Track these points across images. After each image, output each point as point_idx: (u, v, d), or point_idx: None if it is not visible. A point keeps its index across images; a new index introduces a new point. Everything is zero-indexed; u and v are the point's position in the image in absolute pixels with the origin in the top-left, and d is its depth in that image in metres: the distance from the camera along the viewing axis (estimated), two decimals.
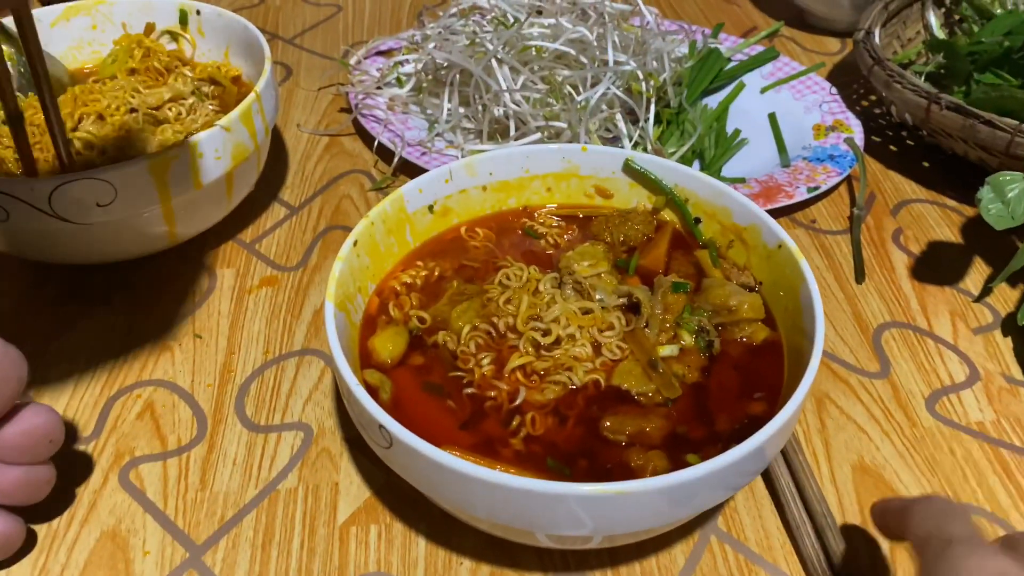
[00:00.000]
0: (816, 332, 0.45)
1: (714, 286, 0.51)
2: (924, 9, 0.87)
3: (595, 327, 0.50)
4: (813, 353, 0.44)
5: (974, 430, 0.55)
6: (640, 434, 0.45)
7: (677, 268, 0.55)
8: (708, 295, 0.51)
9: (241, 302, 0.64)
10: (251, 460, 0.53)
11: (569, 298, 0.51)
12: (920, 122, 0.73)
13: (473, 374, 0.48)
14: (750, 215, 0.53)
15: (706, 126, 0.79)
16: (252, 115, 0.63)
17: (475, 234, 0.58)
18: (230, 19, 0.74)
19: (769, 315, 0.51)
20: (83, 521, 0.50)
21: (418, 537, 0.49)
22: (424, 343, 0.50)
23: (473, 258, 0.56)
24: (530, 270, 0.54)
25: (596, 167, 0.59)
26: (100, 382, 0.58)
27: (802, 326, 0.47)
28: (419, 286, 0.54)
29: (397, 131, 0.77)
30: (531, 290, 0.52)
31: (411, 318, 0.52)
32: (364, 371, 0.48)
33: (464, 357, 0.49)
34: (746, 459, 0.40)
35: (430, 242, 0.57)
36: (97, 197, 0.56)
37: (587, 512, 0.39)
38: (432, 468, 0.40)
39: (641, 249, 0.56)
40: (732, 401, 0.47)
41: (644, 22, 0.82)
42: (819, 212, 0.73)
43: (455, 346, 0.50)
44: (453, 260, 0.56)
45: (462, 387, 0.48)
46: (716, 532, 0.50)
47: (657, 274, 0.54)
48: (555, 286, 0.52)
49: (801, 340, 0.47)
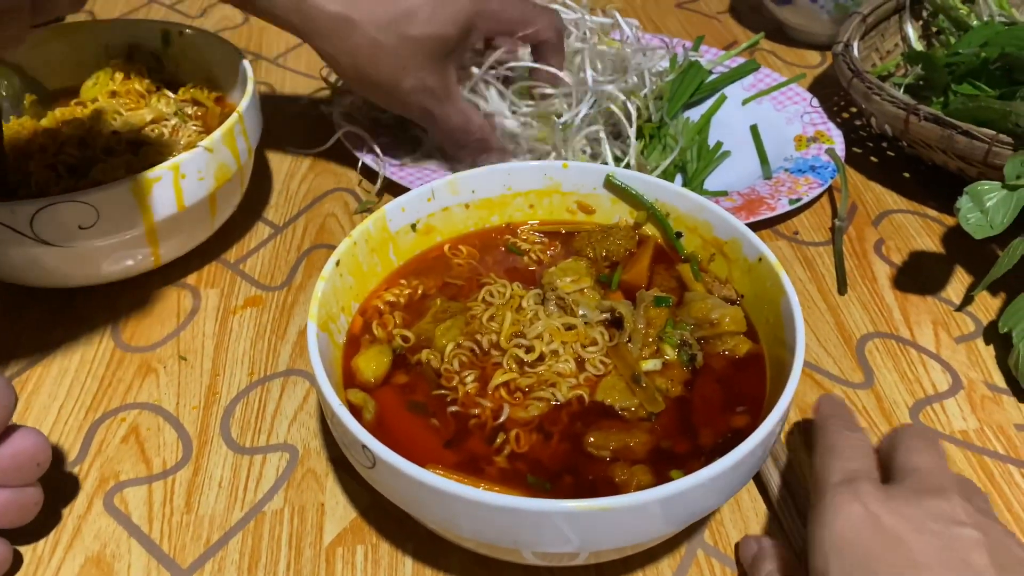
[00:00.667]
0: (797, 344, 0.45)
1: (696, 300, 0.52)
2: (902, 22, 0.88)
3: (578, 343, 0.50)
4: (794, 365, 0.44)
5: (958, 439, 0.56)
6: (624, 449, 0.45)
7: (659, 282, 0.55)
8: (690, 309, 0.51)
9: (226, 323, 0.64)
10: (237, 482, 0.53)
11: (552, 314, 0.51)
12: (899, 133, 0.74)
13: (457, 392, 0.48)
14: (730, 229, 0.53)
15: (688, 139, 0.79)
16: (235, 136, 0.63)
17: (458, 251, 0.58)
18: (213, 40, 0.74)
19: (751, 328, 0.52)
20: (67, 547, 0.49)
21: (405, 557, 0.49)
22: (408, 361, 0.51)
23: (456, 275, 0.56)
24: (513, 287, 0.54)
25: (577, 183, 0.59)
26: (84, 406, 0.57)
27: (783, 338, 0.48)
28: (403, 304, 0.54)
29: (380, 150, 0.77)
30: (514, 307, 0.52)
31: (395, 337, 0.52)
32: (348, 391, 0.48)
33: (448, 375, 0.49)
34: (729, 472, 0.40)
35: (413, 260, 0.57)
36: (79, 220, 0.56)
37: (572, 528, 0.39)
38: (416, 487, 0.40)
39: (623, 264, 0.56)
40: (715, 414, 0.47)
41: (624, 36, 0.83)
42: (801, 223, 0.74)
43: (439, 364, 0.50)
44: (437, 278, 0.56)
45: (446, 405, 0.48)
46: (703, 546, 0.50)
47: (640, 289, 0.54)
48: (538, 302, 0.53)
49: (783, 352, 0.47)
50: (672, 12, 1.07)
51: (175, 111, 0.71)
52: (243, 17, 1.04)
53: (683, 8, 1.08)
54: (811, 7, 0.94)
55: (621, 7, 0.98)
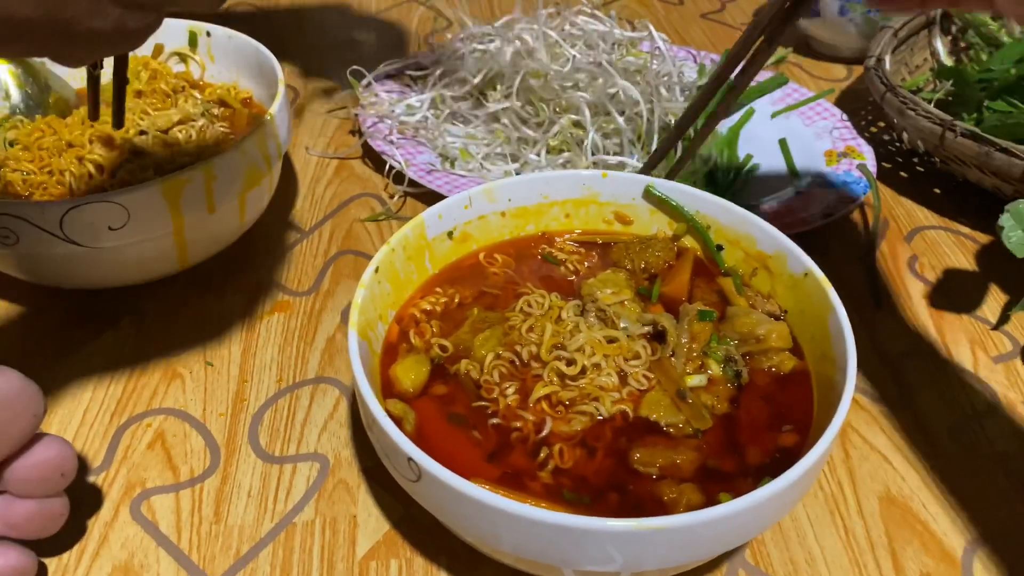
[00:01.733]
0: (848, 362, 0.44)
1: (740, 315, 0.51)
2: (931, 36, 0.88)
3: (621, 356, 0.49)
4: (846, 386, 0.43)
5: (1000, 460, 0.55)
6: (671, 466, 0.44)
7: (700, 296, 0.54)
8: (734, 324, 0.50)
9: (253, 328, 0.63)
10: (266, 492, 0.52)
11: (593, 326, 0.50)
12: (933, 149, 0.73)
13: (498, 404, 0.47)
14: (775, 243, 0.53)
15: (718, 152, 0.78)
16: (266, 138, 0.62)
17: (494, 260, 0.57)
18: (241, 41, 0.73)
19: (796, 344, 0.51)
20: (94, 555, 0.48)
21: (439, 572, 0.48)
22: (446, 372, 0.50)
23: (492, 284, 0.55)
24: (551, 297, 0.53)
25: (616, 193, 0.58)
26: (109, 410, 0.56)
27: (831, 356, 0.47)
28: (439, 313, 0.53)
29: (407, 154, 0.76)
30: (554, 318, 0.51)
31: (432, 346, 0.51)
32: (387, 400, 0.47)
33: (488, 387, 0.48)
34: (782, 494, 0.39)
35: (448, 268, 0.56)
36: (109, 221, 0.55)
37: (618, 548, 0.39)
38: (462, 502, 0.39)
39: (663, 276, 0.55)
40: (762, 433, 0.46)
41: (653, 48, 0.82)
42: (833, 238, 0.73)
43: (478, 375, 0.49)
44: (472, 287, 0.55)
45: (487, 417, 0.47)
46: (744, 565, 0.49)
47: (680, 302, 0.53)
48: (578, 314, 0.52)
49: (830, 370, 0.47)
50: (696, 23, 1.07)
51: (202, 112, 0.70)
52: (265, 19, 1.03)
53: (707, 19, 1.08)
54: (839, 20, 0.93)
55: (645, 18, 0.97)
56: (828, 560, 0.49)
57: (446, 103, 0.81)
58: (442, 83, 0.82)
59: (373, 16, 1.07)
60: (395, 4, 1.09)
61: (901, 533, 0.50)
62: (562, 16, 0.82)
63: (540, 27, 0.79)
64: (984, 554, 0.49)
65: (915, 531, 0.50)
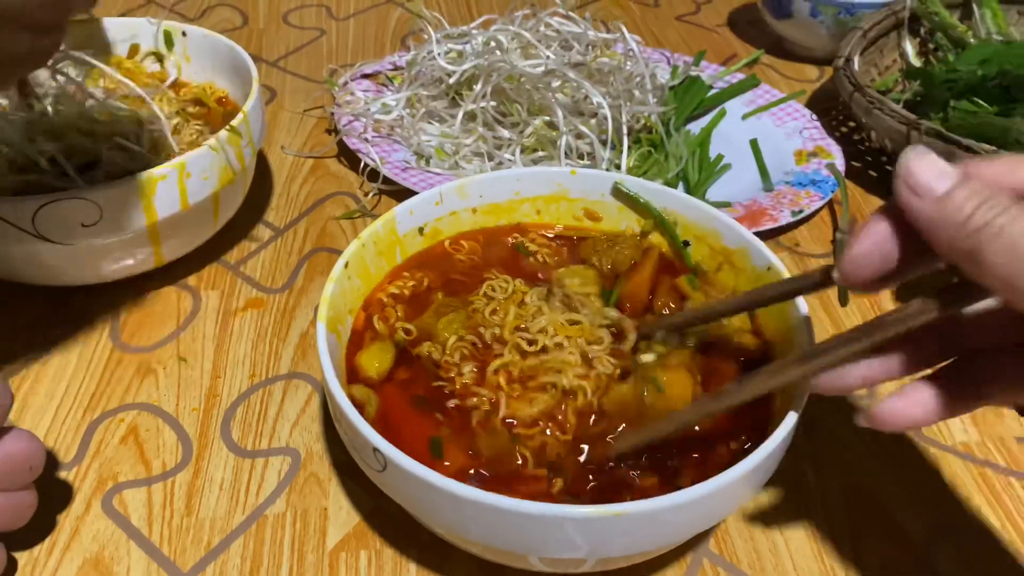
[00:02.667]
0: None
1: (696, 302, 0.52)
2: (900, 38, 0.89)
3: (583, 338, 0.49)
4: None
5: (959, 451, 0.56)
6: (634, 454, 0.45)
7: (661, 294, 0.55)
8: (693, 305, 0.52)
9: (226, 325, 0.63)
10: (238, 485, 0.52)
11: (556, 309, 0.51)
12: (899, 148, 0.74)
13: (455, 383, 0.48)
14: (739, 238, 0.54)
15: (690, 152, 0.79)
16: (240, 136, 0.62)
17: (460, 247, 0.58)
18: (216, 41, 0.74)
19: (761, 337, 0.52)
20: (65, 548, 0.49)
21: (409, 563, 0.48)
22: (410, 355, 0.50)
23: (460, 271, 0.56)
24: (516, 283, 0.54)
25: (585, 190, 0.59)
26: (82, 405, 0.57)
27: (795, 345, 0.48)
28: (406, 296, 0.54)
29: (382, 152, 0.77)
30: (517, 302, 0.52)
31: (397, 330, 0.51)
32: (350, 386, 0.47)
33: (447, 367, 0.49)
34: (742, 480, 0.40)
35: (417, 255, 0.57)
36: (82, 217, 0.55)
37: (581, 534, 0.39)
38: (428, 491, 0.39)
39: (625, 275, 0.56)
40: (727, 421, 0.47)
41: (627, 49, 0.83)
42: (802, 236, 0.74)
43: (439, 356, 0.49)
44: (440, 272, 0.56)
45: (446, 398, 0.47)
46: (708, 555, 0.49)
47: (640, 299, 0.54)
48: (542, 298, 0.52)
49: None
50: (672, 24, 1.08)
51: (177, 110, 0.70)
52: (242, 19, 1.04)
53: (683, 21, 1.09)
54: (810, 22, 0.95)
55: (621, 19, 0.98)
56: (792, 549, 0.50)
57: (422, 102, 0.82)
58: (418, 83, 0.83)
59: (350, 16, 1.07)
60: (373, 5, 1.10)
61: (864, 522, 0.51)
62: (536, 18, 0.83)
63: (515, 28, 0.80)
64: (945, 543, 0.50)
65: (878, 520, 0.51)
